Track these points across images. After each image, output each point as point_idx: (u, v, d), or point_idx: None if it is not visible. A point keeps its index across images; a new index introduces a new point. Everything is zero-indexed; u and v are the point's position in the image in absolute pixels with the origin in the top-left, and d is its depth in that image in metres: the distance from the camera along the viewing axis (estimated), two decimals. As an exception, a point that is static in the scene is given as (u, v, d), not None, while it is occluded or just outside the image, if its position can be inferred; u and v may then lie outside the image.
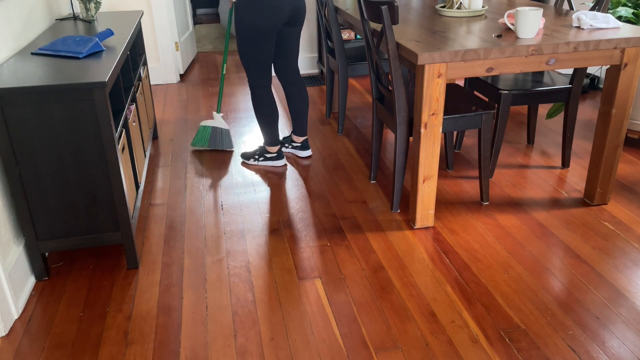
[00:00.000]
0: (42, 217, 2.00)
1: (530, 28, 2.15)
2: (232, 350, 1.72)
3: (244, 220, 2.46)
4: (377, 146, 2.71)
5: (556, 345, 1.69)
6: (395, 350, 1.69)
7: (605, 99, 2.32)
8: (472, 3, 2.67)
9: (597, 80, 4.02)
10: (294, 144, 3.11)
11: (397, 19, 2.12)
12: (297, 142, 3.09)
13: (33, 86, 1.81)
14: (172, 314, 1.89)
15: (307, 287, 2.00)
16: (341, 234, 2.32)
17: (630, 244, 2.19)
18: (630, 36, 2.14)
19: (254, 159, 3.00)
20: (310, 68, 4.80)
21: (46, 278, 2.09)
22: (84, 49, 2.19)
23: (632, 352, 1.65)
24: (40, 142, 1.89)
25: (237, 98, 4.13)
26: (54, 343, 1.77)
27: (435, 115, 2.15)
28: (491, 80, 2.74)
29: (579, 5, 3.96)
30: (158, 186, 2.80)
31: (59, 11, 3.13)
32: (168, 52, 4.51)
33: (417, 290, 1.96)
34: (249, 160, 3.02)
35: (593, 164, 2.45)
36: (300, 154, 3.10)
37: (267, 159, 2.99)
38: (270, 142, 2.94)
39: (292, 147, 3.12)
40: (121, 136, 2.19)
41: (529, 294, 1.92)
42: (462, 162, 2.96)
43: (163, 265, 2.15)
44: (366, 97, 4.10)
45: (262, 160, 2.99)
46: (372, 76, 2.56)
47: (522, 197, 2.57)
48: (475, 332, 1.75)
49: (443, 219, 2.41)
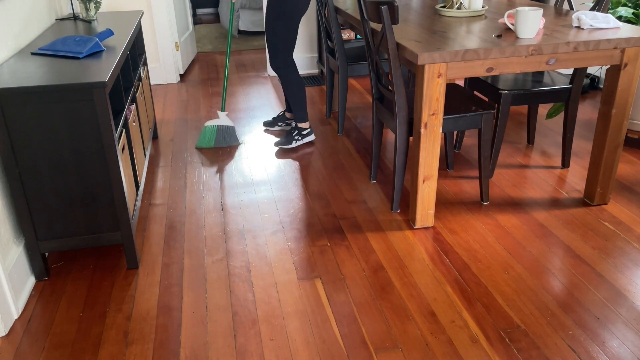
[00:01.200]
0: (42, 217, 2.00)
1: (530, 28, 2.15)
2: (232, 350, 1.72)
3: (244, 220, 2.46)
4: (377, 146, 2.71)
5: (556, 345, 1.69)
6: (395, 350, 1.69)
7: (605, 99, 2.32)
8: (472, 3, 2.67)
9: (597, 80, 4.02)
10: (287, 121, 3.44)
11: (397, 19, 2.12)
12: (289, 119, 3.45)
13: (33, 86, 1.81)
14: (172, 314, 1.89)
15: (307, 287, 2.00)
16: (341, 234, 2.32)
17: (630, 244, 2.19)
18: (630, 36, 2.14)
19: (295, 140, 3.18)
20: (310, 68, 4.80)
21: (46, 278, 2.09)
22: (84, 49, 2.19)
23: (632, 352, 1.65)
24: (40, 142, 1.89)
25: (237, 98, 4.13)
26: (54, 343, 1.77)
27: (435, 115, 2.15)
28: (491, 80, 2.74)
29: (579, 5, 3.96)
30: (158, 186, 2.80)
31: (59, 11, 3.13)
32: (168, 52, 4.51)
33: (417, 290, 1.96)
34: (291, 144, 3.18)
35: (593, 164, 2.45)
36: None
37: (304, 135, 3.21)
38: (304, 117, 3.19)
39: (285, 124, 3.44)
40: (121, 136, 2.19)
41: (529, 294, 1.92)
42: (462, 162, 2.96)
43: (163, 265, 2.15)
44: (366, 97, 4.10)
45: (302, 138, 3.20)
46: (372, 76, 2.56)
47: (522, 197, 2.57)
48: (475, 332, 1.75)
49: (443, 219, 2.41)
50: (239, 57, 5.39)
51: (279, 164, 3.01)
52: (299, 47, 4.72)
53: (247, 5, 6.20)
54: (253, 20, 6.29)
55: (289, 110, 3.44)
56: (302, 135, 3.19)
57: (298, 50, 4.72)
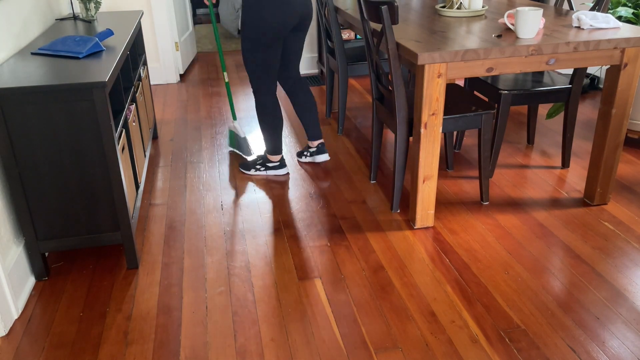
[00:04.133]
0: (42, 217, 2.00)
1: (530, 28, 2.15)
2: (232, 350, 1.72)
3: (244, 220, 2.46)
4: (377, 146, 2.71)
5: (556, 345, 1.69)
6: (395, 350, 1.69)
7: (605, 99, 2.32)
8: (472, 3, 2.67)
9: (597, 80, 4.02)
10: (310, 149, 2.99)
11: (397, 19, 2.12)
12: (312, 147, 2.98)
13: (33, 86, 1.81)
14: (172, 314, 1.89)
15: (307, 287, 2.00)
16: (341, 234, 2.32)
17: (630, 244, 2.19)
18: (630, 36, 2.14)
19: (255, 168, 2.88)
20: (310, 68, 4.80)
21: (46, 278, 2.09)
22: (83, 49, 2.19)
23: (632, 352, 1.65)
24: (40, 142, 1.89)
25: (237, 98, 4.13)
26: (54, 343, 1.77)
27: (435, 115, 2.15)
28: (491, 80, 2.74)
29: (579, 5, 3.96)
30: (158, 186, 2.80)
31: (59, 11, 3.13)
32: (168, 52, 4.50)
33: (417, 290, 1.96)
34: (249, 170, 2.89)
35: (593, 164, 2.45)
36: (317, 159, 2.98)
37: (268, 168, 2.87)
38: (273, 150, 2.82)
39: (309, 154, 3.00)
40: (121, 136, 2.19)
41: (529, 294, 1.92)
42: (462, 162, 2.96)
43: (163, 265, 2.15)
44: (366, 97, 4.10)
45: (264, 169, 2.87)
46: (372, 76, 2.56)
47: (522, 197, 2.57)
48: (475, 332, 1.75)
49: (443, 219, 2.41)
50: (239, 57, 5.39)
51: (279, 164, 3.01)
52: (299, 47, 4.71)
53: (247, 5, 6.19)
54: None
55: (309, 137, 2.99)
56: (267, 167, 2.86)
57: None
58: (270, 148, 2.82)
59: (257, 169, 2.89)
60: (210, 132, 3.47)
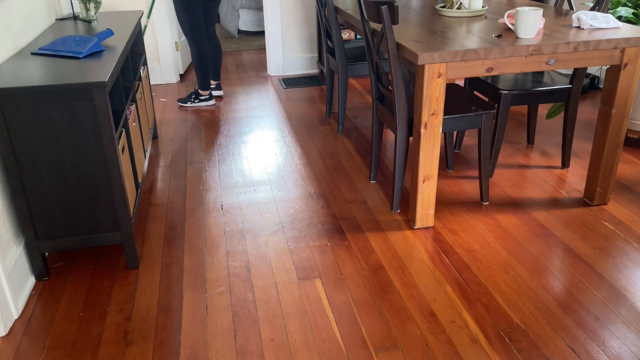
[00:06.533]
0: (42, 217, 2.00)
1: (530, 28, 2.15)
2: (232, 350, 1.72)
3: (244, 220, 2.46)
4: (377, 146, 2.71)
5: (556, 345, 1.69)
6: (395, 350, 1.69)
7: (605, 99, 2.32)
8: (472, 3, 2.67)
9: (597, 80, 4.02)
10: (211, 87, 3.96)
11: (397, 19, 2.12)
12: (213, 84, 4.00)
13: (33, 86, 1.81)
14: (172, 314, 1.89)
15: (307, 287, 2.00)
16: (341, 234, 2.32)
17: (630, 244, 2.19)
18: (630, 36, 2.14)
19: (190, 101, 3.88)
20: (310, 68, 4.80)
21: (46, 278, 2.09)
22: (84, 49, 2.19)
23: (632, 352, 1.65)
24: (40, 142, 1.89)
25: (237, 98, 4.13)
26: (54, 343, 1.77)
27: (435, 115, 2.15)
28: (491, 80, 2.74)
29: (579, 5, 3.96)
30: (158, 186, 2.80)
31: (59, 11, 3.13)
32: (168, 52, 4.50)
33: (417, 290, 1.96)
34: (186, 103, 3.89)
35: (593, 164, 2.45)
36: (215, 93, 4.06)
37: (201, 100, 3.88)
38: (203, 86, 3.84)
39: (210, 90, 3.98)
40: (121, 136, 2.19)
41: (529, 294, 1.92)
42: (462, 162, 2.96)
43: (163, 265, 2.15)
44: (366, 97, 4.10)
45: (197, 102, 3.88)
46: (372, 76, 2.56)
47: (522, 197, 2.57)
48: (475, 332, 1.75)
49: (443, 219, 2.41)
50: (239, 57, 5.39)
51: (279, 164, 3.01)
52: (299, 47, 4.71)
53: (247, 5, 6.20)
54: (253, 20, 6.29)
55: (212, 77, 4.00)
56: (200, 99, 3.88)
57: (298, 50, 4.72)
58: (202, 84, 3.83)
59: (192, 101, 3.90)
60: (210, 132, 3.48)
